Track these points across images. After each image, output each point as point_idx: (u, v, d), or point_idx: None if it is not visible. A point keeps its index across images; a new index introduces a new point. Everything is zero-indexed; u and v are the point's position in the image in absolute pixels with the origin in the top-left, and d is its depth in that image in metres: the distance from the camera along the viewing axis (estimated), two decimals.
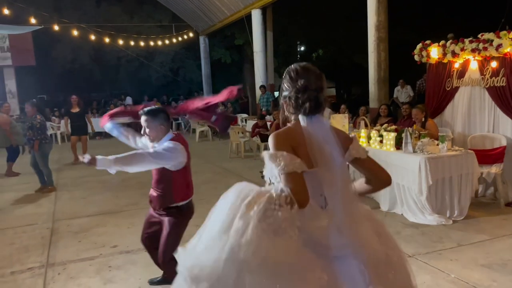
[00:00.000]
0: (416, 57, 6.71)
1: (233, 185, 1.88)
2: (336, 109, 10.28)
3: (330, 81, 26.70)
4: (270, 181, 1.91)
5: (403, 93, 12.22)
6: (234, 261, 1.66)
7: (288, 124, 1.93)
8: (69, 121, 10.35)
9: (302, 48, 24.30)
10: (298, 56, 24.09)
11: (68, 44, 18.39)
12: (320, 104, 1.86)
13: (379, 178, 2.03)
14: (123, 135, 3.40)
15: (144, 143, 3.22)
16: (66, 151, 11.50)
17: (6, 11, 12.46)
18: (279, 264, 1.63)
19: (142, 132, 3.05)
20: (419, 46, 6.65)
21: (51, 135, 12.95)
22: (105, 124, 3.40)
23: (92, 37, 15.35)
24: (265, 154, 1.81)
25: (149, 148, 3.05)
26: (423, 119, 5.92)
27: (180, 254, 1.82)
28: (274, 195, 1.72)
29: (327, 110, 8.90)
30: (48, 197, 6.91)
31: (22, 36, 15.04)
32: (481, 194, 5.66)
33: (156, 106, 3.24)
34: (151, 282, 3.55)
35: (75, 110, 10.18)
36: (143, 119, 3.01)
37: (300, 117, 1.86)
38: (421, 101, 10.40)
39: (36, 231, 5.17)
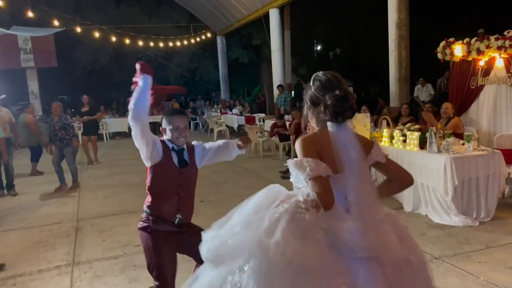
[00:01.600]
0: (439, 55, 6.61)
1: (253, 185, 1.90)
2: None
3: (347, 80, 26.50)
4: (297, 187, 1.96)
5: (423, 92, 12.03)
6: (261, 258, 1.67)
7: (314, 130, 1.98)
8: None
9: (319, 47, 24.15)
10: (315, 55, 23.97)
11: (88, 45, 18.69)
12: (355, 113, 1.94)
13: (401, 179, 2.07)
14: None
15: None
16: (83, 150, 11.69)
17: (30, 14, 12.71)
18: (305, 266, 1.66)
19: (180, 134, 2.75)
20: (442, 43, 6.55)
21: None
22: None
23: (113, 39, 15.56)
24: (289, 162, 1.87)
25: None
26: (451, 115, 5.81)
27: (206, 234, 1.85)
28: (301, 198, 1.77)
29: None
30: (71, 196, 7.04)
31: (44, 38, 15.35)
32: (508, 195, 5.53)
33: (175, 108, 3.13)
34: None
35: (85, 109, 10.37)
36: (183, 119, 2.79)
37: (329, 124, 1.91)
38: (442, 100, 10.24)
39: (62, 230, 5.26)
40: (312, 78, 1.98)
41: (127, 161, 10.41)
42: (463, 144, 4.97)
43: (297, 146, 1.87)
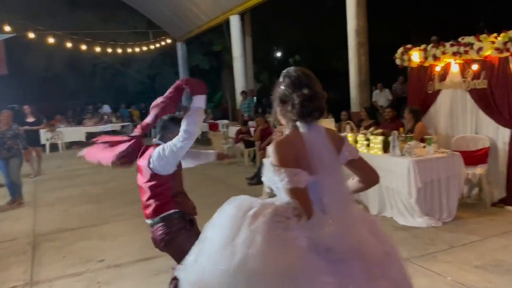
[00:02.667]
0: (398, 61, 6.79)
1: (220, 192, 1.86)
2: None
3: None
4: (271, 189, 1.91)
5: (381, 97, 12.40)
6: (244, 272, 1.63)
7: (286, 132, 1.91)
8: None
9: (279, 54, 24.39)
10: (276, 61, 24.19)
11: (41, 52, 17.90)
12: (323, 113, 1.90)
13: (369, 177, 2.10)
14: None
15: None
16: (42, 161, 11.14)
17: None
18: (289, 273, 1.63)
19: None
20: (400, 50, 6.74)
21: None
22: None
23: (68, 45, 15.00)
24: (267, 165, 1.81)
25: None
26: (414, 123, 6.01)
27: (181, 271, 1.78)
28: (281, 207, 1.73)
29: None
30: (25, 211, 6.65)
31: None
32: (466, 195, 5.74)
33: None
34: None
35: (30, 119, 10.00)
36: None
37: (301, 124, 1.85)
38: (398, 104, 10.58)
39: (17, 247, 4.94)
40: (282, 74, 1.92)
41: (86, 170, 10.00)
42: (424, 147, 5.13)
43: (272, 150, 1.78)
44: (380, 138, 5.33)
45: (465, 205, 5.40)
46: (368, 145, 5.54)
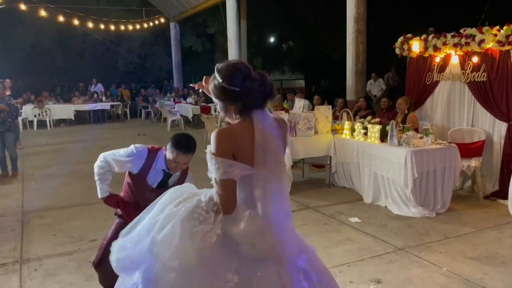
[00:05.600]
0: (397, 50, 6.75)
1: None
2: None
3: (299, 73, 26.77)
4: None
5: (375, 86, 12.39)
6: (150, 254, 1.74)
7: (231, 122, 1.83)
8: None
9: (272, 40, 24.13)
10: (269, 47, 23.96)
11: (30, 26, 17.38)
12: (274, 96, 1.84)
13: None
14: None
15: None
16: (25, 138, 10.93)
17: None
18: (188, 265, 1.68)
19: (177, 168, 2.71)
20: (400, 39, 6.69)
21: None
22: None
23: (60, 19, 14.58)
24: (207, 154, 1.74)
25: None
26: (406, 111, 5.99)
27: (114, 247, 1.86)
28: (203, 199, 1.74)
29: (305, 101, 8.87)
30: (14, 187, 6.51)
31: None
32: (459, 187, 5.78)
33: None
34: None
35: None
36: (187, 157, 2.64)
37: (255, 112, 1.76)
38: (392, 94, 10.57)
39: (5, 224, 4.82)
40: (216, 71, 1.79)
41: (74, 150, 9.84)
42: (421, 137, 5.12)
43: (212, 139, 1.71)
44: (378, 127, 5.31)
45: (458, 197, 5.44)
46: (365, 133, 5.51)
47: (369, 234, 4.33)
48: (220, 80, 1.75)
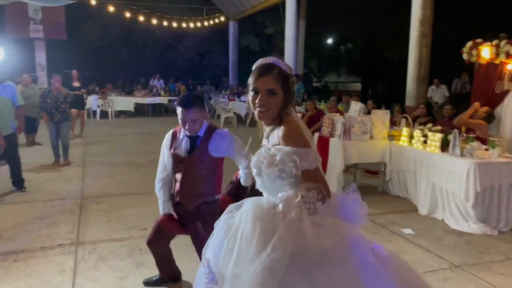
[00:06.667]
0: (465, 56, 6.37)
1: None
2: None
3: (356, 76, 26.16)
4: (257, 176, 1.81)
5: (437, 93, 11.81)
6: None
7: (290, 118, 1.80)
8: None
9: (330, 41, 23.73)
10: (326, 48, 23.62)
11: (99, 21, 18.37)
12: None
13: None
14: None
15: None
16: (88, 127, 11.52)
17: None
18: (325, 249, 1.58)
19: (186, 126, 2.71)
20: (469, 44, 6.31)
21: None
22: None
23: (127, 15, 15.29)
24: (286, 151, 1.69)
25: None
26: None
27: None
28: (304, 195, 1.63)
29: (361, 104, 8.61)
30: (75, 172, 6.88)
31: (55, 9, 15.04)
32: None
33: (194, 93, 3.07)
34: (147, 283, 3.26)
35: (76, 85, 10.50)
36: (188, 112, 2.68)
37: (293, 110, 1.83)
38: (456, 102, 10.01)
39: (65, 207, 5.10)
40: (280, 64, 1.79)
41: (132, 141, 10.25)
42: (487, 149, 4.79)
43: (294, 134, 1.72)
44: (439, 135, 5.03)
45: None
46: (424, 142, 5.25)
47: (423, 248, 4.11)
48: (289, 72, 1.80)
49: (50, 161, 7.45)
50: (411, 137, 5.49)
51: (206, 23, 18.05)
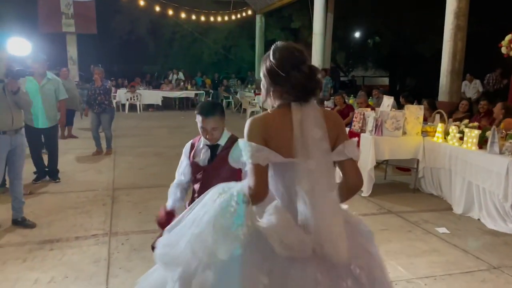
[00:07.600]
0: (504, 49, 6.17)
1: None
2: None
3: (383, 71, 25.62)
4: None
5: (471, 88, 11.46)
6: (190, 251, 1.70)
7: (268, 110, 1.75)
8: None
9: (358, 35, 23.30)
10: (353, 42, 23.23)
11: (127, 15, 18.59)
12: (321, 89, 1.87)
13: (351, 183, 1.82)
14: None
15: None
16: (117, 120, 11.69)
17: None
18: (221, 261, 1.63)
19: (205, 134, 2.59)
20: (508, 37, 6.11)
21: None
22: None
23: (157, 8, 15.45)
24: (239, 141, 1.73)
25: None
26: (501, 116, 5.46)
27: (158, 242, 1.85)
28: (235, 193, 1.70)
29: (390, 99, 8.41)
30: (106, 164, 7.00)
31: (86, 4, 15.32)
32: None
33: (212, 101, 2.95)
34: None
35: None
36: (209, 120, 2.54)
37: (295, 104, 1.69)
38: (490, 97, 9.66)
39: (98, 198, 5.20)
40: (272, 49, 1.73)
41: (161, 134, 10.37)
42: None
43: (246, 125, 1.70)
44: (476, 132, 4.86)
45: None
46: (460, 138, 5.08)
47: (459, 247, 3.98)
48: (272, 59, 1.70)
49: (83, 153, 7.64)
50: (446, 133, 5.33)
51: (233, 17, 18.01)
